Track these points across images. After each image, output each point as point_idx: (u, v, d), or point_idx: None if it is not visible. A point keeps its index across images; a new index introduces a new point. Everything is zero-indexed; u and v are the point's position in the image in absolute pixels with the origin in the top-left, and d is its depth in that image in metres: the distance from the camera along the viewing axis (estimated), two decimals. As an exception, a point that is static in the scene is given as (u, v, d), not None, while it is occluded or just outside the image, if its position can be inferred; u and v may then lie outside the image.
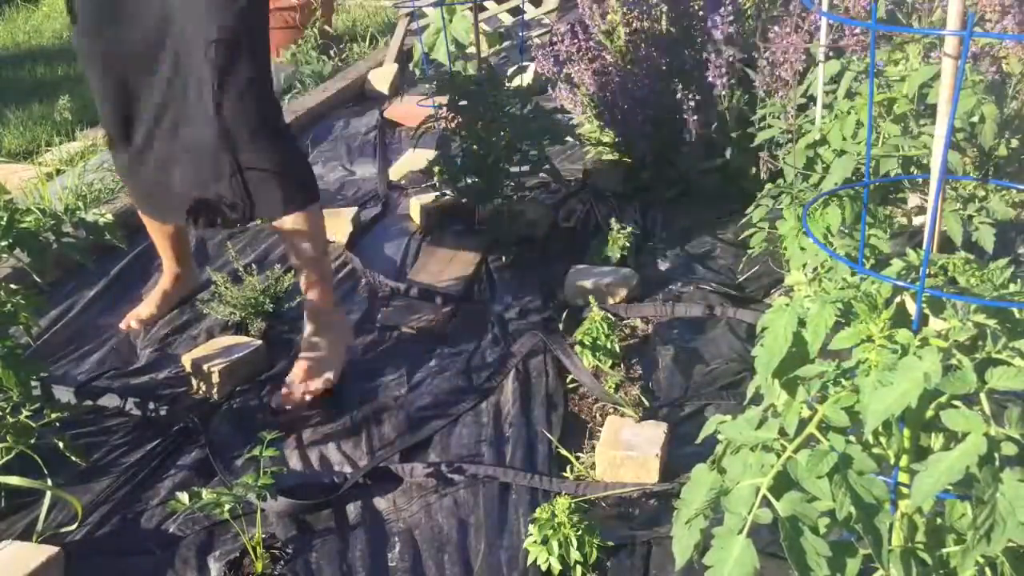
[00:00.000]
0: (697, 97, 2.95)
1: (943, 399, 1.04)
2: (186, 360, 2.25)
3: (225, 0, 1.93)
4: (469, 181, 2.87)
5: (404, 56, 4.74)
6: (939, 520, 1.10)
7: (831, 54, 2.37)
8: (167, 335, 2.47)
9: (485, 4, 4.84)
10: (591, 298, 2.29)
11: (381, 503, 1.88)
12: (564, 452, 1.98)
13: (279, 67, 4.77)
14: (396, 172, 3.51)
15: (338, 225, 2.95)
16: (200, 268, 2.76)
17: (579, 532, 1.64)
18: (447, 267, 2.77)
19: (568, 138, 2.95)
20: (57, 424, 1.88)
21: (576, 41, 3.31)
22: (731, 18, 2.82)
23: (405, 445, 2.02)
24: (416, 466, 1.94)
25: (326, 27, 5.41)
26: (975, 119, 2.04)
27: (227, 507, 1.64)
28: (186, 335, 2.47)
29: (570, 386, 2.21)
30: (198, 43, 1.93)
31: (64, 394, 2.18)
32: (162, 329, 2.49)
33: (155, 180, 2.13)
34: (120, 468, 1.97)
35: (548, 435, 2.03)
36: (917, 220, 2.55)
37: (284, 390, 2.17)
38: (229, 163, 2.00)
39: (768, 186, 2.33)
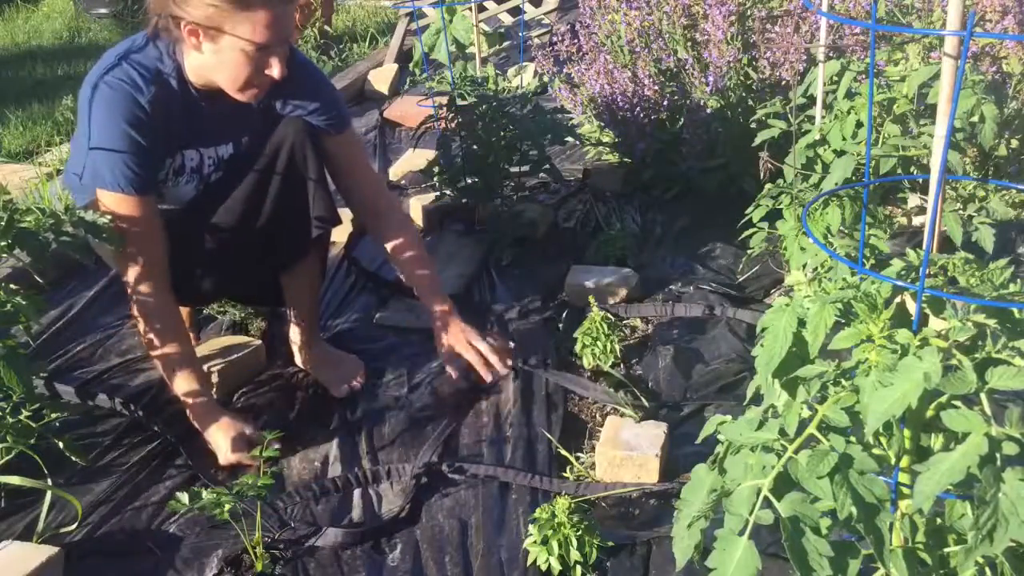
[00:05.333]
0: (697, 97, 2.95)
1: (943, 399, 1.04)
2: (186, 360, 2.25)
3: None
4: (469, 181, 2.87)
5: (404, 56, 4.75)
6: (939, 520, 1.10)
7: (831, 54, 2.37)
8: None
9: (485, 4, 4.84)
10: (591, 298, 2.29)
11: (381, 503, 1.88)
12: (564, 452, 1.98)
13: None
14: (396, 172, 3.51)
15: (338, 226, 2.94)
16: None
17: (579, 532, 1.63)
18: (447, 267, 2.77)
19: (568, 138, 2.95)
20: (57, 424, 1.87)
21: (576, 41, 3.32)
22: (732, 18, 2.82)
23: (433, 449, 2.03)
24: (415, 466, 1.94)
25: (326, 27, 5.41)
26: (975, 119, 2.04)
27: (227, 507, 1.64)
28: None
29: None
30: None
31: (65, 394, 2.18)
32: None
33: None
34: (120, 468, 1.97)
35: (548, 435, 2.03)
36: (917, 220, 2.55)
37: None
38: None
39: (768, 186, 2.34)
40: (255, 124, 2.03)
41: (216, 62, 1.83)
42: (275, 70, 1.84)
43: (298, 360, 2.30)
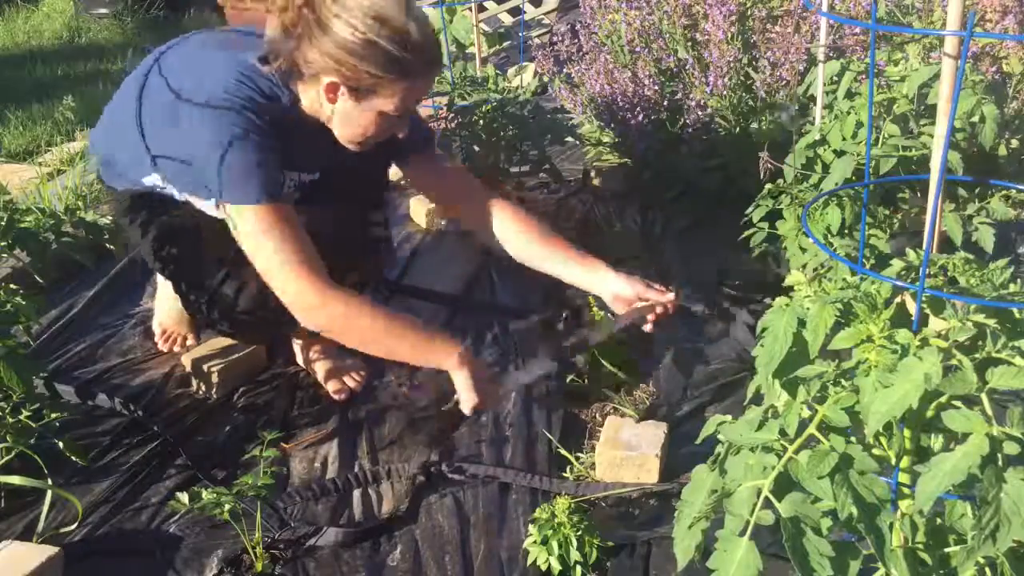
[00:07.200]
0: (697, 97, 2.95)
1: (943, 399, 1.04)
2: (186, 360, 2.25)
3: None
4: (469, 181, 2.86)
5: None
6: (939, 520, 1.10)
7: (831, 54, 2.37)
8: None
9: (485, 4, 4.84)
10: (591, 298, 2.29)
11: (381, 503, 1.88)
12: (564, 452, 1.98)
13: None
14: (396, 172, 3.50)
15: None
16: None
17: (579, 532, 1.63)
18: (447, 267, 2.77)
19: (568, 138, 2.95)
20: (57, 424, 1.88)
21: (576, 41, 3.31)
22: (732, 18, 2.82)
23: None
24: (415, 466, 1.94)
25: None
26: (975, 119, 2.04)
27: (227, 507, 1.64)
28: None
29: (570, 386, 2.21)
30: None
31: (65, 394, 2.18)
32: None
33: None
34: (120, 468, 1.97)
35: (548, 435, 2.03)
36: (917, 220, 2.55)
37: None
38: None
39: (768, 186, 2.34)
40: (339, 152, 1.93)
41: (349, 118, 1.78)
42: (401, 132, 1.83)
43: (299, 359, 2.30)
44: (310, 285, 1.74)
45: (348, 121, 1.80)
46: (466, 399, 1.78)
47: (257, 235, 1.74)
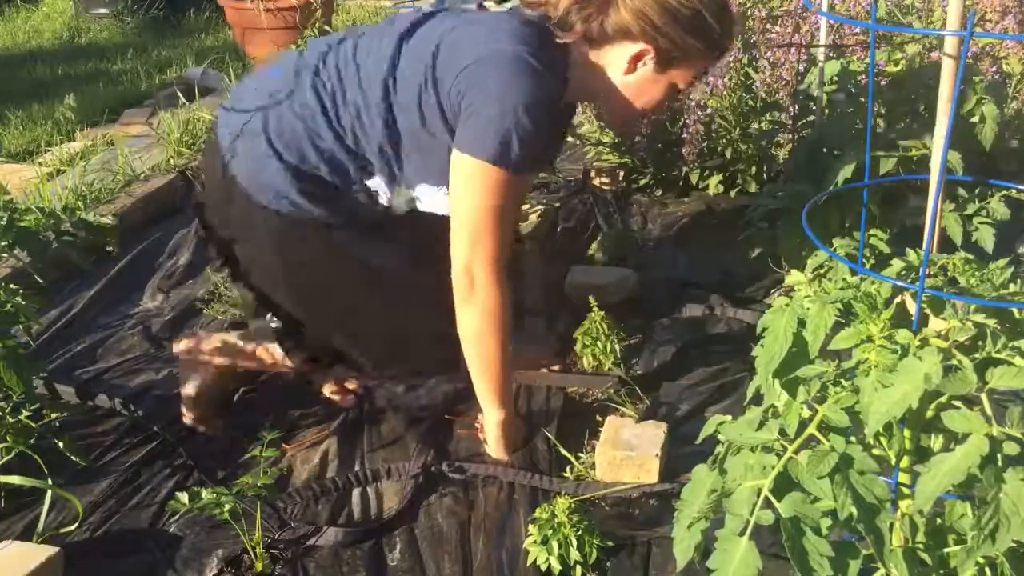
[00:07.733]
0: (697, 97, 2.95)
1: (943, 399, 1.04)
2: (186, 360, 2.25)
3: None
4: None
5: (404, 56, 4.73)
6: (939, 520, 1.10)
7: (831, 54, 2.38)
8: (167, 335, 2.47)
9: (485, 4, 4.84)
10: (591, 298, 2.29)
11: (381, 503, 1.88)
12: (564, 452, 1.98)
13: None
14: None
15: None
16: (200, 269, 2.76)
17: (579, 532, 1.63)
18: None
19: (568, 138, 2.95)
20: (57, 424, 1.88)
21: (576, 41, 3.31)
22: (731, 18, 2.82)
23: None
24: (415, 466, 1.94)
25: (326, 27, 5.41)
26: (975, 119, 2.05)
27: (227, 507, 1.64)
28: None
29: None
30: None
31: (65, 394, 2.18)
32: (162, 330, 2.50)
33: None
34: (120, 468, 1.97)
35: (548, 435, 2.03)
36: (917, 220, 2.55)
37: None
38: None
39: (768, 186, 2.34)
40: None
41: (643, 87, 1.71)
42: (661, 113, 1.81)
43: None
44: (484, 259, 1.71)
45: (643, 90, 1.71)
46: (492, 448, 1.95)
47: (479, 193, 1.65)
